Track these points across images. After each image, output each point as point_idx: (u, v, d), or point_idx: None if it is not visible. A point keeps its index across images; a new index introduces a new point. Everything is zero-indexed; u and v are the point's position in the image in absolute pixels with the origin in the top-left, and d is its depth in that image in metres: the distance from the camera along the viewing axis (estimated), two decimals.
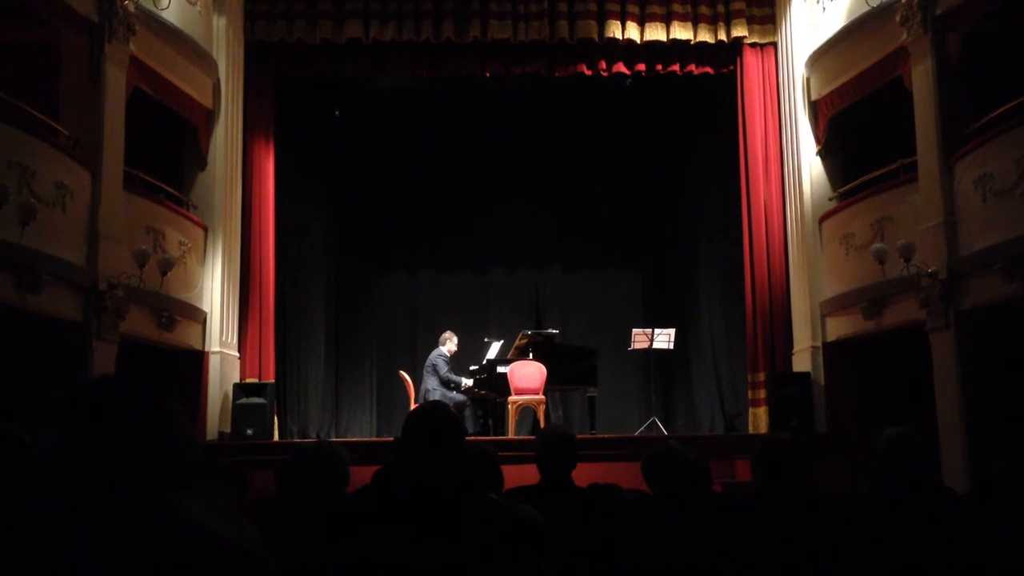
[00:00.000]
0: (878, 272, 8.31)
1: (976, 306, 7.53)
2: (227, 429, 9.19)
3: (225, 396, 9.33)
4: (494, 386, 9.81)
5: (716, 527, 2.99)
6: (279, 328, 10.59)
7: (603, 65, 10.46)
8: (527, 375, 9.58)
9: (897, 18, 8.31)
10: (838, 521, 3.05)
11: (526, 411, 10.14)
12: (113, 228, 7.78)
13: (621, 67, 10.46)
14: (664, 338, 10.62)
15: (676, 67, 10.50)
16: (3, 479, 2.80)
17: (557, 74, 10.60)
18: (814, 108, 9.87)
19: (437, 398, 9.86)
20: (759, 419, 9.85)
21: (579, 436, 4.21)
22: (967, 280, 7.58)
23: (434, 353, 10.21)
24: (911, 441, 3.28)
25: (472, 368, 10.46)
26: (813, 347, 9.48)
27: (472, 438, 9.67)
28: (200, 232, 9.36)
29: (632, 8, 10.20)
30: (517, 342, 10.30)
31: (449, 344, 10.29)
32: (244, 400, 9.23)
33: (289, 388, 11.18)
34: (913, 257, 7.82)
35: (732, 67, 10.56)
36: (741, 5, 10.28)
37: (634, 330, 10.72)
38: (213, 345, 9.35)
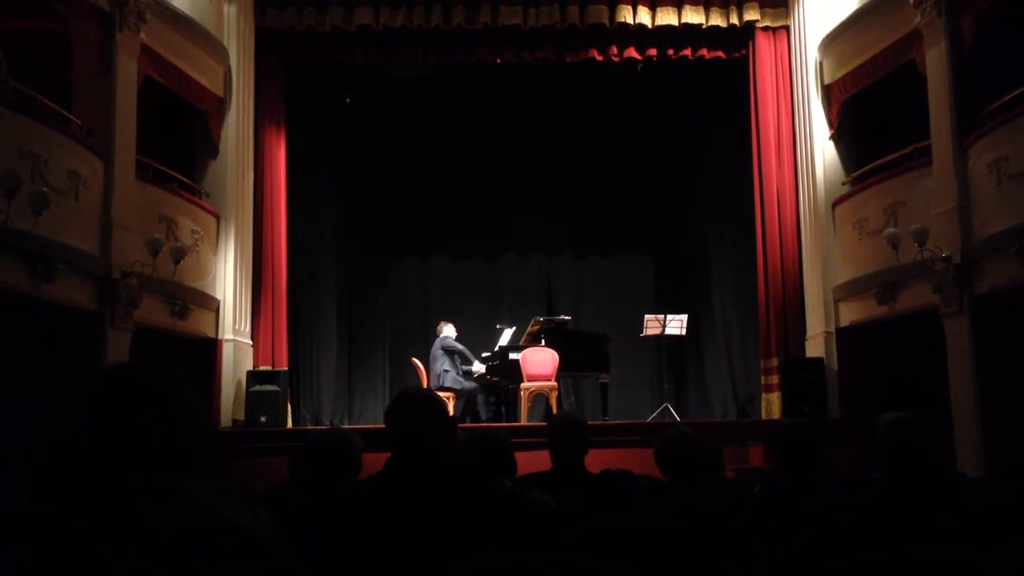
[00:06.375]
0: (891, 257, 8.27)
1: (991, 290, 7.49)
2: (241, 416, 9.24)
3: (238, 384, 9.37)
4: (506, 373, 9.82)
5: (729, 513, 2.99)
6: (292, 315, 10.64)
7: (614, 50, 10.43)
8: (539, 361, 9.58)
9: (910, 0, 8.24)
10: (849, 506, 3.04)
11: (538, 397, 10.15)
12: (126, 217, 7.81)
13: (632, 52, 10.42)
14: (676, 324, 10.60)
15: (688, 52, 10.46)
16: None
17: (568, 60, 10.57)
18: (827, 92, 9.80)
19: (449, 381, 9.89)
20: (772, 405, 9.84)
21: (591, 422, 4.21)
22: (981, 264, 7.54)
23: (446, 340, 10.19)
24: (911, 425, 3.22)
25: (484, 355, 10.47)
26: (826, 332, 9.45)
27: (485, 425, 9.74)
28: (212, 220, 9.38)
29: None
30: (529, 329, 10.30)
31: (448, 330, 10.32)
32: (257, 388, 9.28)
33: (302, 375, 11.23)
34: (927, 241, 7.78)
35: (744, 51, 10.50)
36: None
37: (646, 316, 10.70)
38: (226, 333, 9.39)
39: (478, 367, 10.30)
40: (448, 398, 9.68)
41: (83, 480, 1.16)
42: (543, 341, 9.97)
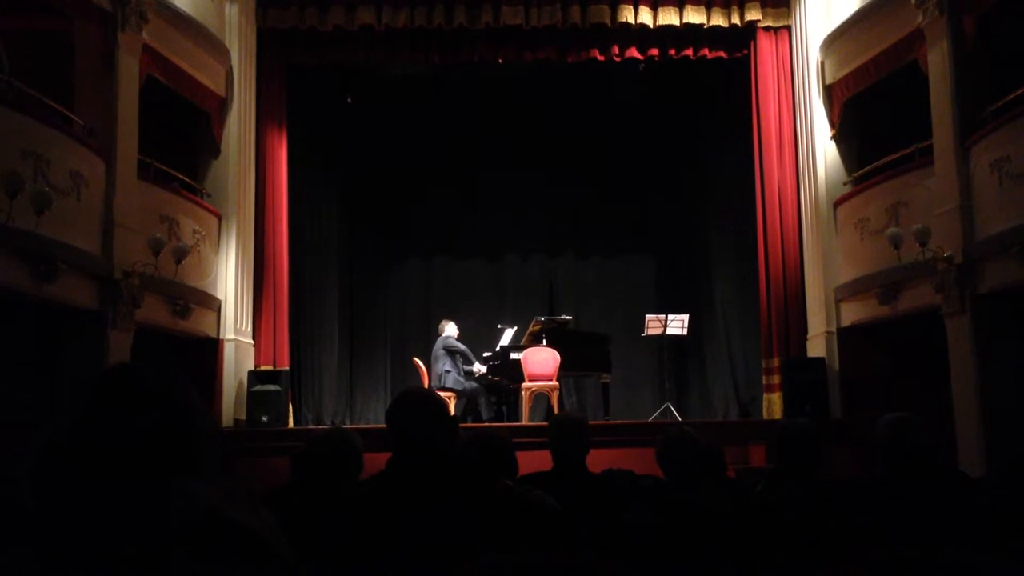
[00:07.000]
0: (893, 257, 8.27)
1: (992, 290, 7.48)
2: (242, 416, 9.25)
3: (240, 383, 9.38)
4: (508, 372, 9.82)
5: (730, 513, 2.98)
6: (293, 315, 10.64)
7: (616, 50, 10.42)
8: (541, 361, 9.58)
9: (912, 0, 8.24)
10: (851, 506, 3.04)
11: (540, 397, 10.15)
12: (128, 217, 7.81)
13: (634, 52, 10.42)
14: (678, 324, 10.60)
15: (689, 52, 10.45)
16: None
17: (570, 60, 10.57)
18: (828, 92, 9.80)
19: (451, 381, 9.89)
20: (773, 405, 9.83)
21: (592, 422, 4.21)
22: (983, 264, 7.53)
23: (447, 340, 10.18)
24: (911, 425, 3.21)
25: (486, 355, 10.47)
26: (828, 332, 9.45)
27: (486, 425, 9.74)
28: (214, 220, 9.39)
29: None
30: (531, 328, 10.30)
31: (450, 329, 10.31)
32: (259, 387, 9.28)
33: (303, 375, 11.24)
34: (928, 241, 7.77)
35: (746, 51, 10.50)
36: None
37: (647, 316, 10.70)
38: (228, 333, 9.40)
39: (479, 367, 10.30)
40: (449, 398, 9.68)
41: (83, 481, 1.16)
42: (544, 341, 9.97)
